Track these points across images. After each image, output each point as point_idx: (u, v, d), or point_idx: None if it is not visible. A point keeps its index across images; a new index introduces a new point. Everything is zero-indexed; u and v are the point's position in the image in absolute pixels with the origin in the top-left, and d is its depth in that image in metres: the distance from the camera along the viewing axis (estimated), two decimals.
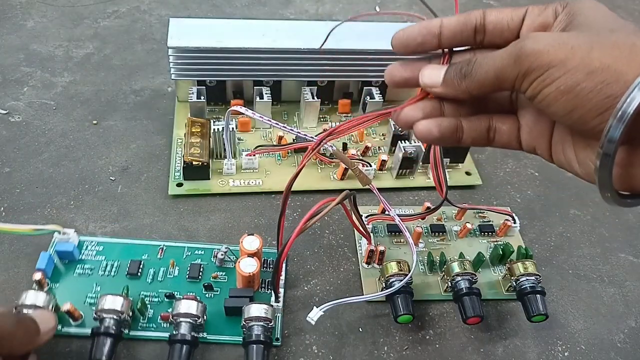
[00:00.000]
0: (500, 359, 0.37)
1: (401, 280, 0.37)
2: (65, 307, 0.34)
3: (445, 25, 0.27)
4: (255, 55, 0.47)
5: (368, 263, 0.41)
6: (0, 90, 0.53)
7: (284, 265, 0.38)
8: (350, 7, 0.70)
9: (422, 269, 0.41)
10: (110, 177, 0.46)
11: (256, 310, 0.34)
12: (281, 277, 0.35)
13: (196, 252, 0.40)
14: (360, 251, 0.42)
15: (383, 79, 0.30)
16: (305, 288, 0.40)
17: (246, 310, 0.34)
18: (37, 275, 0.35)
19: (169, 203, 0.44)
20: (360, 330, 0.38)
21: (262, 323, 0.34)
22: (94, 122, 0.51)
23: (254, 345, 0.33)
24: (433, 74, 0.28)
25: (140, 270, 0.38)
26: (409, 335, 0.38)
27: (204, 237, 0.42)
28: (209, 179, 0.46)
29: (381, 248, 0.40)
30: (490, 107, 0.29)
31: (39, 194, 0.44)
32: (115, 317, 0.34)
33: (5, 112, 0.51)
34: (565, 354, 0.38)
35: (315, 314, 0.33)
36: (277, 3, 0.70)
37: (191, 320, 0.34)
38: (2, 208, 0.43)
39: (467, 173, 0.49)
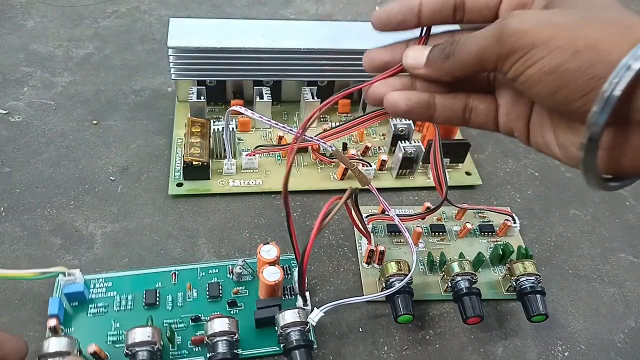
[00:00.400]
0: (500, 359, 0.37)
1: (401, 280, 0.37)
2: (91, 349, 0.32)
3: (425, 3, 0.27)
4: (255, 55, 0.47)
5: (368, 263, 0.41)
6: (0, 90, 0.53)
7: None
8: (350, 7, 0.70)
9: (422, 269, 0.41)
10: (110, 177, 0.46)
11: (290, 316, 0.34)
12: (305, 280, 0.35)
13: (210, 271, 0.39)
14: (360, 251, 0.42)
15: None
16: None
17: (280, 318, 0.34)
18: (52, 322, 0.33)
19: (169, 203, 0.45)
20: (360, 330, 0.38)
21: (299, 328, 0.33)
22: (94, 122, 0.51)
23: (297, 351, 0.33)
24: (417, 55, 0.27)
25: (157, 299, 0.37)
26: (409, 335, 0.38)
27: (204, 237, 0.42)
28: (209, 179, 0.46)
29: (381, 248, 0.40)
30: (467, 86, 0.28)
31: (39, 194, 0.44)
32: (148, 348, 0.32)
33: (5, 112, 0.51)
34: (565, 354, 0.38)
35: (315, 315, 0.33)
36: (277, 3, 0.70)
37: (228, 338, 0.33)
38: (2, 208, 0.43)
39: (467, 173, 0.49)
